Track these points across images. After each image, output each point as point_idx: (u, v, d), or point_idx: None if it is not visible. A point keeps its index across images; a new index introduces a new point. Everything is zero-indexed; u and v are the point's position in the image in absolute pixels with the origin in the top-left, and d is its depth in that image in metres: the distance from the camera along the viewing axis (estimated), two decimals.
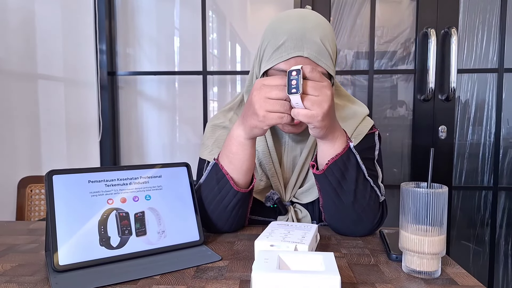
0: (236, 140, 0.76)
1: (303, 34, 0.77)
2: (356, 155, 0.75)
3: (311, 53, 0.77)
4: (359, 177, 0.76)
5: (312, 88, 0.65)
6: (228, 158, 0.78)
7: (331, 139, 0.73)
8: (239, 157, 0.76)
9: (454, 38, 1.66)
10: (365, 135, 0.90)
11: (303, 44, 0.76)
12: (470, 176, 1.87)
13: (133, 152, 2.02)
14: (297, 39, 0.77)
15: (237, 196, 0.78)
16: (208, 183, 0.80)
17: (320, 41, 0.77)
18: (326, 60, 0.79)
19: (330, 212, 0.81)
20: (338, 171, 0.74)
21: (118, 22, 1.96)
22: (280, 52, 0.78)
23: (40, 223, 0.92)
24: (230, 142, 0.77)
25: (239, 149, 0.76)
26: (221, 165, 0.78)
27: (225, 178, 0.77)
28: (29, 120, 1.78)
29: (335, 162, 0.73)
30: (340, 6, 1.85)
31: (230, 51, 2.02)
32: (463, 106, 1.84)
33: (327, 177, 0.75)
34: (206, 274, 0.62)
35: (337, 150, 0.73)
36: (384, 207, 0.83)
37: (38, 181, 1.70)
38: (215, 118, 0.98)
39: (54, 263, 0.60)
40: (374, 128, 0.94)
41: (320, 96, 0.66)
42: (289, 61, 0.77)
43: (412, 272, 0.61)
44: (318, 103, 0.65)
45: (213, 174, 0.79)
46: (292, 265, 0.55)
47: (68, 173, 0.67)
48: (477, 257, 1.90)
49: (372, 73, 1.83)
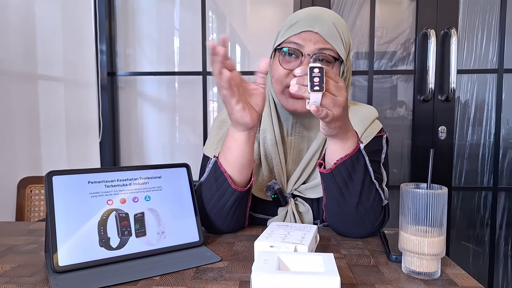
0: (230, 135, 0.77)
1: (318, 15, 0.82)
2: (365, 157, 0.75)
3: (322, 30, 0.81)
4: (366, 179, 0.76)
5: (333, 87, 0.65)
6: (224, 153, 0.78)
7: (343, 139, 0.73)
8: (233, 152, 0.77)
9: (454, 38, 1.66)
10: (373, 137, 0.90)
11: (315, 22, 0.81)
12: (470, 176, 1.87)
13: (133, 152, 2.02)
14: (311, 19, 0.82)
15: (235, 194, 0.78)
16: (208, 181, 0.80)
17: (332, 24, 0.82)
18: (337, 42, 0.82)
19: (332, 212, 0.81)
20: (345, 171, 0.74)
21: (118, 23, 1.96)
22: (293, 28, 0.83)
23: (40, 223, 0.92)
24: (226, 138, 0.78)
25: (232, 144, 0.77)
26: (220, 163, 0.78)
27: (223, 176, 0.77)
28: (29, 120, 1.78)
29: (343, 162, 0.73)
30: (339, 7, 1.85)
31: (230, 51, 2.02)
32: (462, 106, 1.84)
33: (334, 177, 0.75)
34: (206, 275, 0.62)
35: (347, 151, 0.73)
36: (386, 211, 0.83)
37: (38, 181, 1.70)
38: (223, 113, 0.98)
39: (53, 264, 0.60)
40: (382, 131, 0.93)
41: (339, 97, 0.66)
42: (300, 35, 0.81)
43: (411, 273, 0.61)
44: (339, 104, 0.65)
45: (212, 171, 0.80)
46: (291, 266, 0.55)
47: (67, 173, 0.67)
48: (477, 257, 1.90)
49: (372, 73, 1.83)
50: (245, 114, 0.71)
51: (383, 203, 0.81)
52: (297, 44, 0.82)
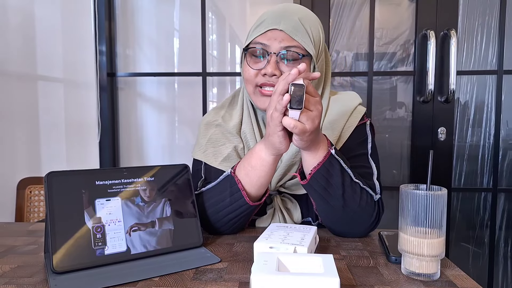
0: (257, 153, 0.76)
1: (283, 12, 0.82)
2: (340, 160, 0.75)
3: (287, 28, 0.80)
4: (345, 181, 0.76)
5: (309, 103, 0.66)
6: (245, 170, 0.77)
7: (314, 150, 0.73)
8: (257, 172, 0.76)
9: (453, 40, 1.66)
10: (355, 126, 0.88)
11: (280, 20, 0.81)
12: (470, 177, 1.87)
13: (132, 153, 2.02)
14: (276, 17, 0.82)
15: (250, 208, 0.79)
16: (219, 193, 0.80)
17: (298, 20, 0.82)
18: (304, 38, 0.81)
19: (323, 215, 0.82)
20: (322, 178, 0.74)
21: (117, 23, 1.96)
22: (259, 28, 0.83)
23: (39, 224, 0.92)
24: (251, 155, 0.77)
25: (258, 163, 0.76)
26: (238, 179, 0.77)
27: (239, 192, 0.77)
28: (29, 121, 1.78)
29: (318, 171, 0.74)
30: (339, 8, 1.85)
31: (230, 52, 2.02)
32: (462, 107, 1.84)
33: (312, 186, 0.76)
34: (205, 276, 0.62)
35: (319, 159, 0.74)
36: (380, 206, 0.81)
37: (37, 182, 1.69)
38: (208, 115, 0.99)
39: (53, 264, 0.60)
40: (365, 117, 0.91)
41: (314, 112, 0.66)
42: (266, 34, 0.81)
43: (411, 274, 0.61)
44: (312, 119, 0.66)
45: (227, 185, 0.79)
46: (291, 267, 0.55)
47: (67, 174, 0.67)
48: (477, 259, 1.90)
49: (372, 74, 1.84)
50: (284, 141, 0.71)
51: (374, 199, 0.80)
52: (263, 44, 0.82)
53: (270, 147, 0.73)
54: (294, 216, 0.88)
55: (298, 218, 0.88)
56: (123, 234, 0.67)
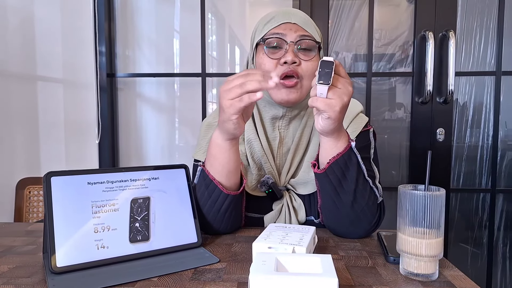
0: (214, 142, 0.77)
1: (290, 11, 0.88)
2: (358, 155, 0.76)
3: (299, 21, 0.85)
4: (360, 177, 0.76)
5: (337, 81, 0.68)
6: (209, 160, 0.79)
7: (336, 137, 0.74)
8: (219, 160, 0.78)
9: (452, 41, 1.67)
10: (359, 133, 0.90)
11: (290, 16, 0.86)
12: (468, 178, 1.87)
13: (131, 153, 2.02)
14: (285, 14, 0.87)
15: (228, 198, 0.79)
16: (199, 188, 0.81)
17: (305, 15, 0.88)
18: (313, 30, 0.87)
19: (328, 213, 0.81)
20: (339, 170, 0.74)
21: (117, 24, 1.96)
22: (271, 23, 0.86)
23: (38, 224, 0.92)
24: (210, 146, 0.79)
25: (217, 152, 0.77)
26: (207, 171, 0.79)
27: (212, 183, 0.78)
28: (28, 121, 1.78)
29: (336, 161, 0.74)
30: (338, 9, 1.86)
31: (229, 53, 2.02)
32: (461, 108, 1.85)
33: (328, 176, 0.75)
34: (204, 276, 0.62)
35: (339, 149, 0.74)
36: (381, 209, 0.83)
37: (36, 182, 1.69)
38: (209, 117, 0.99)
39: (51, 265, 0.60)
40: (368, 125, 0.93)
41: (343, 89, 0.68)
42: (280, 26, 0.85)
43: (409, 275, 0.61)
44: (339, 95, 0.67)
45: (201, 179, 0.80)
46: (289, 268, 0.55)
47: (66, 174, 0.67)
48: (475, 259, 1.90)
49: (370, 75, 1.84)
50: (238, 126, 0.72)
51: (378, 201, 0.81)
52: (279, 34, 0.85)
53: (225, 132, 0.74)
54: (299, 215, 0.89)
55: (303, 217, 0.89)
56: (122, 234, 0.67)
